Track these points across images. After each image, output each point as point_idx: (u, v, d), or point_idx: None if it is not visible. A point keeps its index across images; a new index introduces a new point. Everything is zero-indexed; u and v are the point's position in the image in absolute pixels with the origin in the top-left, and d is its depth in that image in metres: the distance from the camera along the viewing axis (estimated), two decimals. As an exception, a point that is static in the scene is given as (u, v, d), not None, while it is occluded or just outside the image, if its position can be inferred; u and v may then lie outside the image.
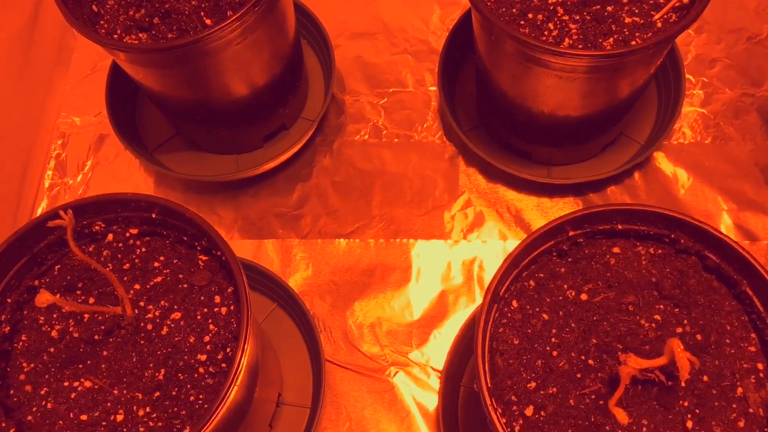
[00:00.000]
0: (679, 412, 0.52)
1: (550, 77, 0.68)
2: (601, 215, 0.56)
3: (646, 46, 0.62)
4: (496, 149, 0.84)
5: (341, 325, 0.77)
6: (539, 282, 0.57)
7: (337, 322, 0.77)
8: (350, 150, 0.86)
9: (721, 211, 0.79)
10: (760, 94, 0.85)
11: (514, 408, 0.54)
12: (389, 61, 0.90)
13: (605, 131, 0.79)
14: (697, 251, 0.56)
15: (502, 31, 0.65)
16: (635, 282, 0.56)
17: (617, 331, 0.55)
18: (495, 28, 0.65)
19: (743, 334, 0.54)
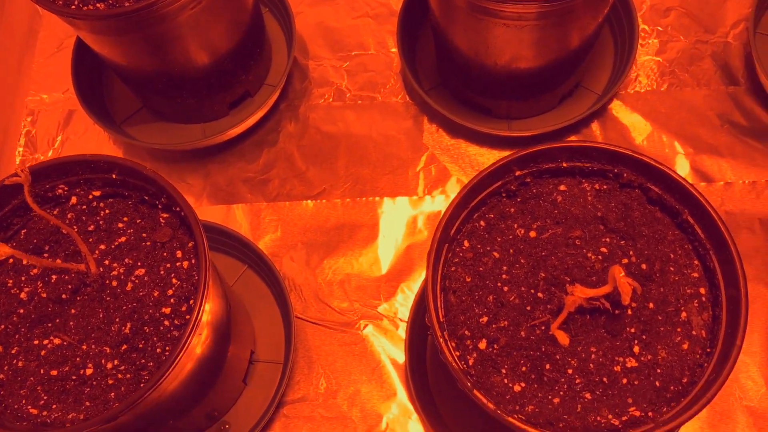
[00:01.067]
0: (626, 338, 0.54)
1: (499, 27, 0.69)
2: (545, 153, 0.58)
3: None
4: (457, 106, 0.85)
5: (311, 283, 0.79)
6: (490, 222, 0.59)
7: (308, 281, 0.79)
8: (315, 114, 0.87)
9: (678, 156, 0.81)
10: (714, 41, 0.86)
11: (467, 342, 0.56)
12: (351, 25, 0.92)
13: (561, 82, 0.81)
14: (639, 184, 0.58)
15: None
16: (582, 217, 0.58)
17: (565, 265, 0.57)
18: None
19: (687, 261, 0.56)
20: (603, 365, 0.54)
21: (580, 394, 0.53)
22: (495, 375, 0.55)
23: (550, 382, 0.54)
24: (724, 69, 0.84)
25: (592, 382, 0.53)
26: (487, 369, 0.55)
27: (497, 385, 0.54)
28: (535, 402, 0.54)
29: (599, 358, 0.54)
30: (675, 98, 0.84)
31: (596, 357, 0.54)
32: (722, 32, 0.86)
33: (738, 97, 0.83)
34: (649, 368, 0.53)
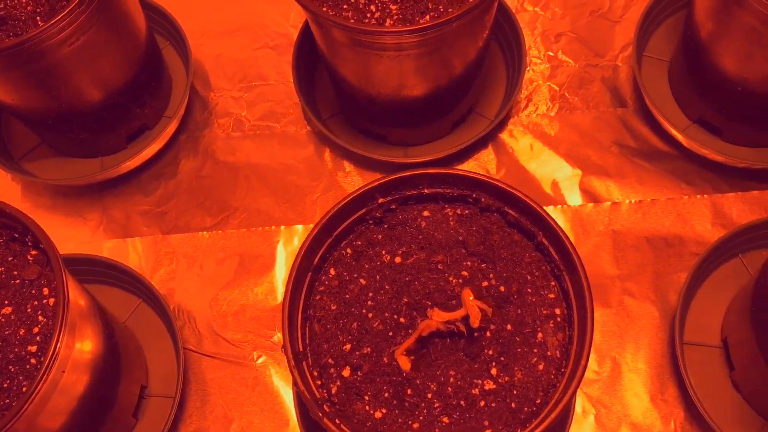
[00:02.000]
0: (485, 361, 0.55)
1: (375, 58, 0.70)
2: (406, 180, 0.58)
3: (451, 18, 0.64)
4: (354, 134, 0.86)
5: (206, 315, 0.79)
6: (357, 249, 0.60)
7: (202, 313, 0.79)
8: (214, 145, 0.88)
9: (568, 178, 0.82)
10: (603, 64, 0.88)
11: (331, 370, 0.56)
12: (251, 57, 0.92)
13: (451, 109, 0.82)
14: (497, 208, 0.59)
15: (325, 19, 0.67)
16: (444, 242, 0.59)
17: (427, 289, 0.57)
18: (318, 17, 0.68)
19: (544, 282, 0.57)
20: (461, 388, 0.54)
21: (438, 418, 0.54)
22: (358, 402, 0.55)
23: (411, 407, 0.54)
24: (613, 92, 0.87)
25: (450, 405, 0.54)
26: (350, 396, 0.55)
27: (359, 412, 0.54)
28: (395, 428, 0.54)
29: (458, 381, 0.54)
30: (565, 121, 0.85)
31: (455, 380, 0.54)
32: (611, 56, 0.89)
33: (626, 118, 0.85)
34: (506, 390, 0.54)
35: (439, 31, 0.66)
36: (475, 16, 0.69)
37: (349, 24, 0.66)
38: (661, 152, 0.83)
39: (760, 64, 0.71)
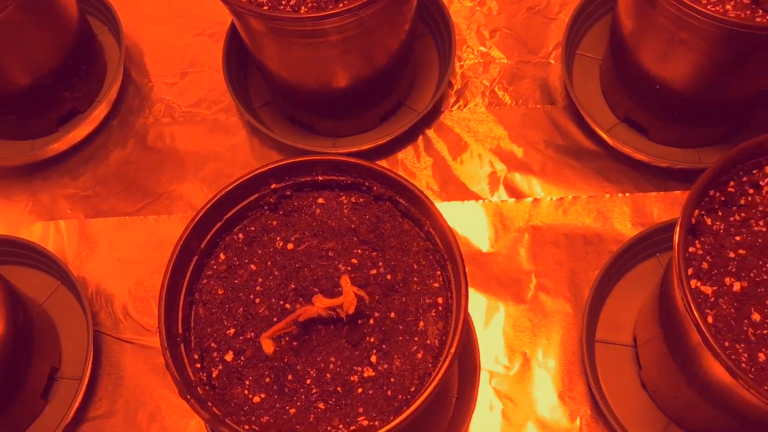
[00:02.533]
0: (366, 348, 0.55)
1: (295, 47, 0.70)
2: (299, 166, 0.58)
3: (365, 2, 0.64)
4: (284, 124, 0.86)
5: (123, 300, 0.79)
6: (250, 235, 0.60)
7: (120, 298, 0.79)
8: (144, 130, 0.88)
9: (492, 172, 0.82)
10: (536, 61, 0.88)
11: (214, 354, 0.56)
12: (188, 43, 0.92)
13: (378, 101, 0.82)
14: (389, 197, 0.58)
15: (237, 7, 0.67)
16: (337, 229, 0.59)
17: (315, 276, 0.57)
18: (231, 5, 0.67)
19: (430, 271, 0.57)
20: (340, 375, 0.54)
21: (315, 404, 0.54)
22: (238, 386, 0.55)
23: (290, 393, 0.54)
24: (544, 89, 0.86)
25: (327, 392, 0.54)
26: (232, 380, 0.55)
27: (237, 396, 0.54)
28: (272, 413, 0.54)
29: (337, 368, 0.54)
30: (494, 117, 0.85)
31: (334, 367, 0.54)
32: (545, 53, 0.89)
33: (555, 116, 0.85)
34: (384, 377, 0.54)
35: (350, 19, 0.66)
36: (389, 7, 0.69)
37: (260, 11, 0.66)
38: (587, 150, 0.83)
39: (674, 63, 0.71)
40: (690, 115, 0.77)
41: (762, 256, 0.56)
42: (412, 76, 0.87)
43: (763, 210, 0.58)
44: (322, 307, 0.53)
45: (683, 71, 0.71)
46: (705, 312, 0.55)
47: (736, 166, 0.57)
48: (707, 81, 0.71)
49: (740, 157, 0.57)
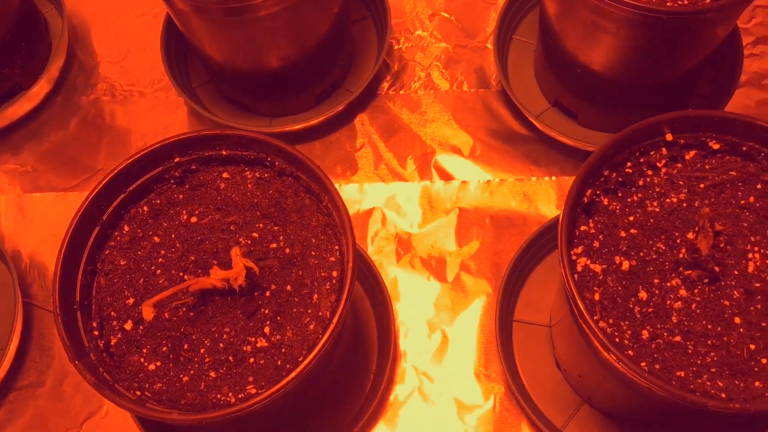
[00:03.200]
0: (260, 319, 0.56)
1: (223, 27, 0.71)
2: (203, 140, 0.59)
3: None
4: (222, 103, 0.87)
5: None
6: (156, 208, 0.61)
7: (53, 270, 0.80)
8: (86, 108, 0.89)
9: (423, 154, 0.83)
10: (473, 45, 0.89)
11: (113, 323, 0.57)
12: (134, 24, 0.93)
13: (313, 83, 0.83)
14: (291, 173, 0.60)
15: None
16: (240, 204, 0.60)
17: (215, 248, 0.58)
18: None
19: (328, 246, 0.58)
20: (233, 345, 0.55)
21: (207, 372, 0.55)
22: (136, 354, 0.56)
23: (185, 362, 0.56)
24: (479, 73, 0.87)
25: (219, 361, 0.55)
26: (130, 349, 0.57)
27: (133, 364, 0.56)
28: (165, 380, 0.55)
29: (231, 338, 0.56)
30: (428, 100, 0.86)
31: (228, 337, 0.56)
32: (483, 37, 0.89)
33: (487, 99, 0.86)
34: (276, 348, 0.55)
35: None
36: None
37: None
38: (517, 134, 0.84)
39: (593, 48, 0.71)
40: (615, 99, 0.78)
41: (652, 235, 0.57)
42: (350, 59, 0.88)
43: (660, 191, 0.59)
44: (216, 279, 0.55)
45: (602, 56, 0.72)
46: (593, 289, 0.56)
47: (631, 146, 0.58)
48: (626, 65, 0.71)
49: (633, 137, 0.57)
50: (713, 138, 0.58)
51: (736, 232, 0.56)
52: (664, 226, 0.57)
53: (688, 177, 0.59)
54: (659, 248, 0.56)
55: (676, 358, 0.53)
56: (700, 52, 0.71)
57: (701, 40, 0.69)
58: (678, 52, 0.70)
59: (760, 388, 0.52)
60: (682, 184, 0.59)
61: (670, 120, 0.57)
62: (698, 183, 0.58)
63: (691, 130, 0.58)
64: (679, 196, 0.58)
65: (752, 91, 0.84)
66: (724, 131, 0.58)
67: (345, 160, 0.84)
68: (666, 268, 0.56)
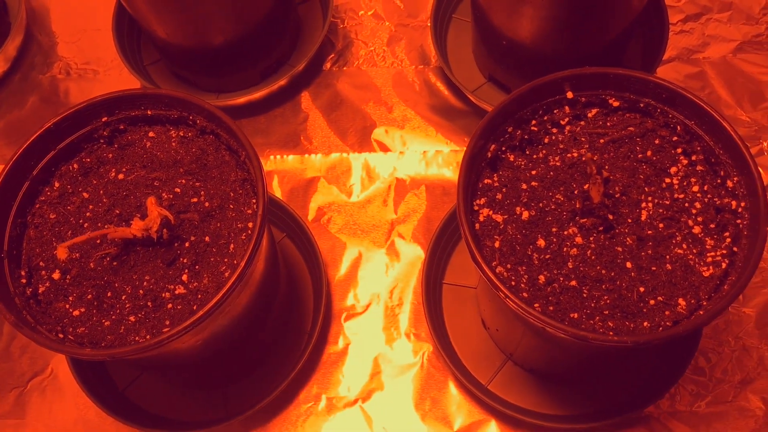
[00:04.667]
0: (179, 268, 0.59)
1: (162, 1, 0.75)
2: (127, 99, 0.62)
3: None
4: (172, 81, 0.90)
5: (7, 240, 0.83)
6: (86, 166, 0.64)
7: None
8: (42, 86, 0.92)
9: (363, 127, 0.86)
10: (415, 24, 0.92)
11: (42, 273, 0.60)
12: (89, 3, 0.97)
13: (258, 59, 0.86)
14: (212, 130, 0.63)
15: None
16: (165, 161, 0.63)
17: (139, 203, 0.61)
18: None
19: (246, 199, 0.61)
20: (152, 291, 0.58)
21: (127, 317, 0.58)
22: (62, 302, 0.59)
23: (108, 308, 0.58)
24: (419, 50, 0.90)
25: (138, 306, 0.58)
26: (58, 297, 0.59)
27: (59, 310, 0.59)
28: (88, 325, 0.58)
29: (151, 285, 0.58)
30: (370, 75, 0.89)
31: (148, 284, 0.58)
32: (424, 17, 0.92)
33: (426, 75, 0.89)
34: (192, 294, 0.58)
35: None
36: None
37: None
38: (454, 108, 0.87)
39: (515, 18, 0.74)
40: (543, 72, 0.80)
41: (552, 187, 0.60)
42: (296, 37, 0.91)
43: (563, 147, 0.62)
44: (135, 228, 0.58)
45: (525, 27, 0.74)
46: (494, 237, 0.58)
47: (534, 103, 0.61)
48: (548, 36, 0.74)
49: (533, 94, 0.60)
50: (612, 96, 0.61)
51: (632, 184, 0.59)
52: (563, 179, 0.60)
53: (590, 134, 0.62)
54: (558, 199, 0.59)
55: (570, 301, 0.56)
56: (619, 21, 0.74)
57: (616, 7, 0.72)
58: (595, 21, 0.72)
59: (648, 328, 0.54)
60: (584, 140, 0.61)
61: (569, 77, 0.60)
62: (599, 139, 0.61)
63: (591, 88, 0.61)
64: (580, 151, 0.61)
65: (680, 65, 0.87)
66: (621, 89, 0.61)
67: (288, 133, 0.87)
68: (564, 218, 0.58)
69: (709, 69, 0.86)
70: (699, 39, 0.88)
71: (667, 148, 0.60)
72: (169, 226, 0.58)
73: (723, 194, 0.58)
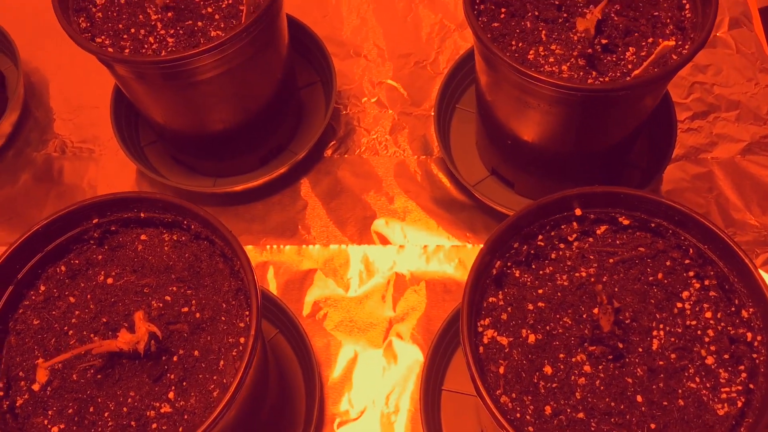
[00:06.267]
0: (165, 384, 0.56)
1: (164, 90, 0.73)
2: (120, 202, 0.60)
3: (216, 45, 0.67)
4: (169, 162, 0.88)
5: None
6: (74, 268, 0.61)
7: None
8: (36, 163, 0.90)
9: (362, 218, 0.84)
10: (418, 113, 0.91)
11: (21, 383, 0.57)
12: (87, 81, 0.95)
13: (257, 145, 0.85)
14: (207, 236, 0.60)
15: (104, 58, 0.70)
16: (156, 266, 0.61)
17: (127, 311, 0.59)
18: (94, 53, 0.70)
19: (238, 311, 0.58)
20: (137, 409, 0.55)
21: (108, 437, 0.54)
22: (41, 416, 0.56)
23: (89, 425, 0.55)
24: (422, 140, 0.89)
25: (121, 425, 0.55)
26: (36, 410, 0.56)
27: (37, 426, 0.55)
28: (66, 445, 0.55)
29: (135, 402, 0.55)
30: (372, 164, 0.87)
31: (132, 401, 0.55)
32: (428, 106, 0.91)
33: (428, 166, 0.87)
34: (179, 414, 0.55)
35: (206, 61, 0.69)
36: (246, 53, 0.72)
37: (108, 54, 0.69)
38: (456, 201, 0.85)
39: (521, 120, 0.73)
40: (549, 169, 0.79)
41: (559, 309, 0.57)
42: (297, 122, 0.90)
43: (571, 264, 0.59)
44: (122, 342, 0.55)
45: (531, 128, 0.73)
46: (498, 362, 0.56)
47: (541, 219, 0.59)
48: (555, 138, 0.73)
49: (541, 211, 0.58)
50: (623, 214, 0.59)
51: (643, 309, 0.57)
52: (571, 301, 0.57)
53: (599, 252, 0.59)
54: (566, 323, 0.56)
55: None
56: (627, 126, 0.73)
57: (624, 114, 0.70)
58: (603, 126, 0.71)
59: (660, 469, 0.51)
60: (593, 258, 0.59)
61: (578, 195, 0.58)
62: (608, 258, 0.59)
63: (600, 205, 0.59)
64: (589, 270, 0.58)
65: (688, 165, 0.85)
66: (632, 208, 0.59)
67: (286, 221, 0.85)
68: (572, 343, 0.56)
69: (717, 170, 0.84)
70: (707, 138, 0.87)
71: (678, 271, 0.58)
72: (157, 338, 0.55)
73: (737, 323, 0.56)
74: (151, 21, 0.73)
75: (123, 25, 0.73)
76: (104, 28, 0.73)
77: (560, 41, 0.70)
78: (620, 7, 0.71)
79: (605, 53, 0.69)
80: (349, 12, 0.98)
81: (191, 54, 0.67)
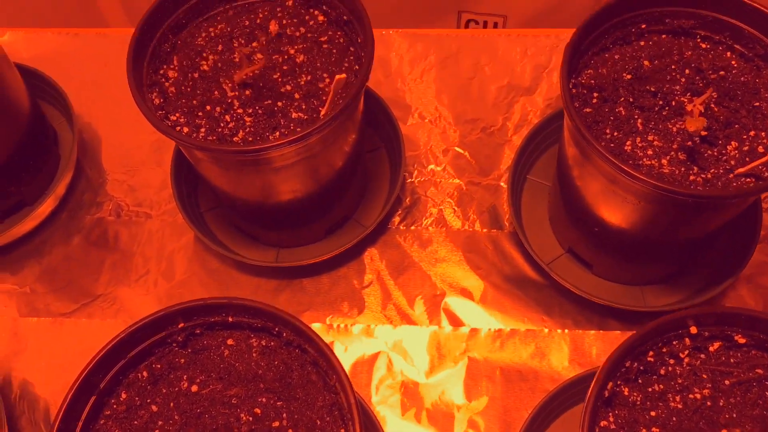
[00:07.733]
0: None
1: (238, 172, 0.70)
2: (209, 308, 0.57)
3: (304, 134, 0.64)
4: (231, 231, 0.85)
5: (45, 406, 0.77)
6: (155, 373, 0.58)
7: (43, 404, 0.77)
8: (90, 227, 0.87)
9: (433, 296, 0.81)
10: (486, 183, 0.88)
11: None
12: (143, 141, 0.92)
13: (323, 215, 0.81)
14: (299, 344, 0.57)
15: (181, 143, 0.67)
16: (244, 374, 0.58)
17: (215, 424, 0.56)
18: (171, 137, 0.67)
19: (333, 428, 0.55)
20: None
21: None
22: None
23: None
24: (491, 212, 0.86)
25: None
26: None
27: None
28: None
29: None
30: (439, 237, 0.84)
31: None
32: (496, 175, 0.88)
33: (499, 241, 0.84)
34: None
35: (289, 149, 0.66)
36: (329, 135, 0.69)
37: (190, 141, 0.66)
38: (529, 280, 0.82)
39: (610, 210, 0.70)
40: (631, 255, 0.76)
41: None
42: (362, 190, 0.87)
43: (682, 383, 0.56)
44: (216, 463, 0.52)
45: (621, 219, 0.70)
46: (613, 493, 0.53)
47: (655, 338, 0.56)
48: (645, 229, 0.70)
49: (658, 331, 0.55)
50: (739, 332, 0.56)
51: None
52: (687, 427, 0.54)
53: (712, 371, 0.56)
54: (683, 452, 0.54)
55: None
56: (724, 218, 0.70)
57: (723, 213, 0.67)
58: (699, 223, 0.68)
59: None
60: (706, 378, 0.56)
61: (695, 315, 0.55)
62: (723, 379, 0.56)
63: (716, 323, 0.56)
64: (703, 392, 0.55)
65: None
66: (750, 328, 0.56)
67: (352, 296, 0.82)
68: (690, 476, 0.53)
69: (799, 251, 0.82)
70: (788, 217, 0.84)
71: (799, 397, 0.55)
72: (252, 461, 0.52)
73: None
74: (227, 98, 0.70)
75: (197, 101, 0.70)
76: (178, 105, 0.70)
77: (657, 131, 0.67)
78: (718, 95, 0.68)
79: (705, 145, 0.66)
80: (411, 72, 0.95)
81: (274, 145, 0.64)
